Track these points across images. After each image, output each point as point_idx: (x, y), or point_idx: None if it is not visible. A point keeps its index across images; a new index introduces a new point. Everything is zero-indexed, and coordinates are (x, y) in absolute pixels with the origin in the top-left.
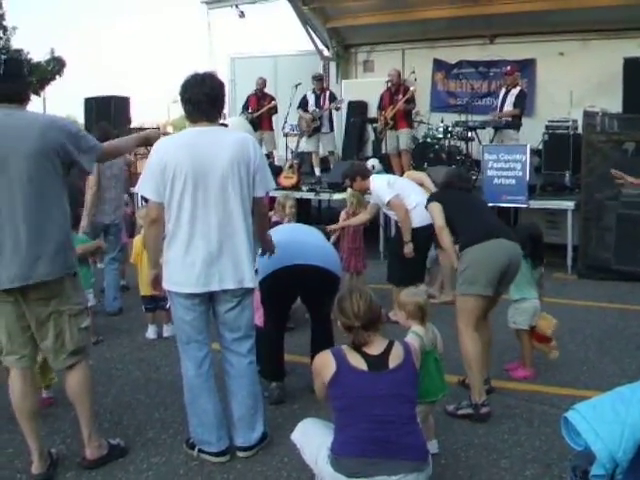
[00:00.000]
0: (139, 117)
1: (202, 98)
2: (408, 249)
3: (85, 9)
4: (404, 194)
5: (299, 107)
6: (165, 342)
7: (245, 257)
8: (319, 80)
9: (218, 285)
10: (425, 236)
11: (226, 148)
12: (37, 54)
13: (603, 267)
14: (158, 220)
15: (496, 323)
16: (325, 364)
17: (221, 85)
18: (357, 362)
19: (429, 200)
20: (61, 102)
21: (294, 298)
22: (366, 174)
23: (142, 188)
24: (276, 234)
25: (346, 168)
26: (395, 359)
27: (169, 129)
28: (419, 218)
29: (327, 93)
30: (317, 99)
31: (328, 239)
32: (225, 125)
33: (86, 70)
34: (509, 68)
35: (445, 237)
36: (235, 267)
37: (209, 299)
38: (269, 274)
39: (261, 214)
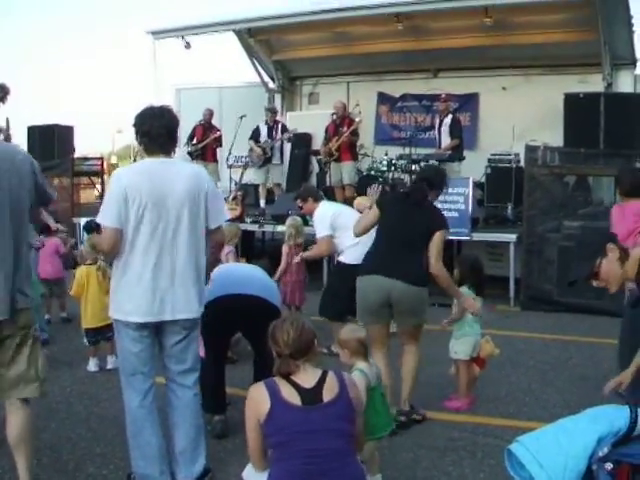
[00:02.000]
0: (83, 147)
1: (162, 131)
2: (304, 255)
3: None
4: (345, 230)
5: (251, 138)
6: (107, 375)
7: (196, 287)
8: (273, 112)
9: (170, 315)
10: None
11: (183, 180)
12: None
13: (546, 299)
14: (117, 247)
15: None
16: (259, 400)
17: (177, 119)
18: (291, 396)
19: (377, 203)
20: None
21: (234, 329)
22: (318, 197)
23: (103, 216)
24: (219, 268)
25: (300, 189)
26: (329, 392)
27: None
28: (357, 255)
29: (279, 125)
30: (269, 130)
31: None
32: None
33: (30, 98)
34: (442, 96)
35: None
36: (187, 297)
37: (157, 331)
38: (209, 302)
39: (213, 246)
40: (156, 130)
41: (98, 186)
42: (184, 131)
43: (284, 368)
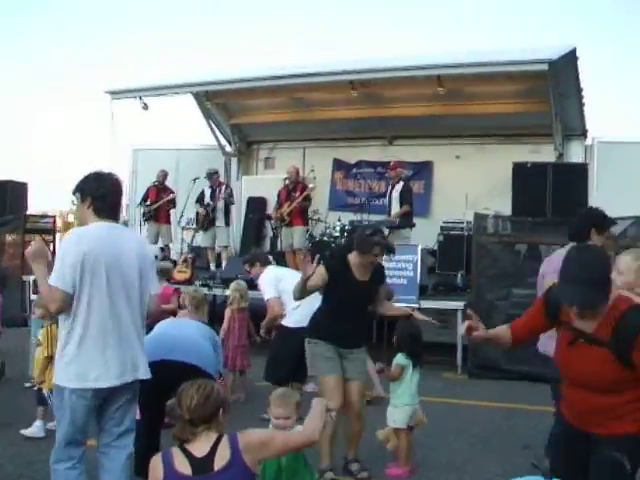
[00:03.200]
0: (40, 203)
1: (115, 196)
2: (263, 330)
3: None
4: (288, 294)
5: (197, 201)
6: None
7: (141, 350)
8: (213, 174)
9: (119, 379)
10: (301, 337)
11: (134, 246)
12: None
13: (493, 366)
14: (64, 309)
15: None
16: (155, 470)
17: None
18: (182, 466)
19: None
20: None
21: (165, 395)
22: (266, 262)
23: (57, 278)
24: (156, 328)
25: (248, 254)
26: (221, 460)
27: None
28: (298, 317)
29: (222, 187)
30: (212, 193)
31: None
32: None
33: None
34: (391, 163)
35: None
36: (134, 360)
37: (106, 395)
38: None
39: (152, 310)
40: (111, 195)
41: (50, 244)
42: (139, 191)
43: (179, 434)
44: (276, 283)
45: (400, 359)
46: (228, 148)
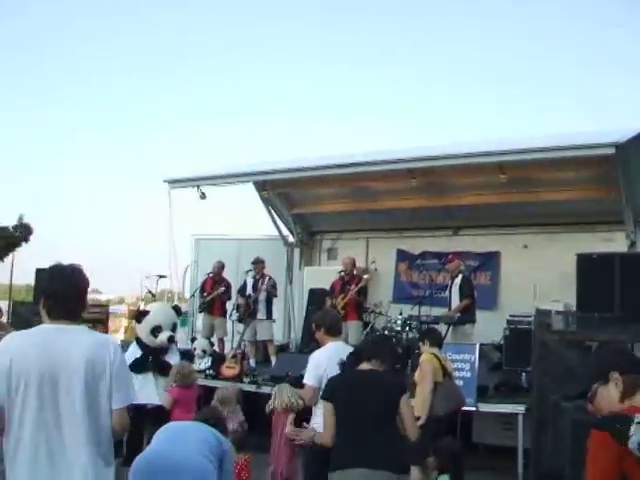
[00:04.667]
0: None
1: (69, 293)
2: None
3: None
4: None
5: (238, 292)
6: None
7: None
8: (257, 264)
9: None
10: None
11: (81, 349)
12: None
13: (557, 475)
14: None
15: None
16: None
17: (87, 280)
18: None
19: (322, 395)
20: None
21: None
22: (334, 330)
23: None
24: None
25: (320, 314)
26: None
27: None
28: None
29: (266, 279)
30: (255, 283)
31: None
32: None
33: (45, 240)
34: (449, 257)
35: None
36: None
37: None
38: None
39: (118, 431)
40: (63, 291)
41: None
42: (201, 281)
43: None
44: (323, 373)
45: None
46: (291, 238)
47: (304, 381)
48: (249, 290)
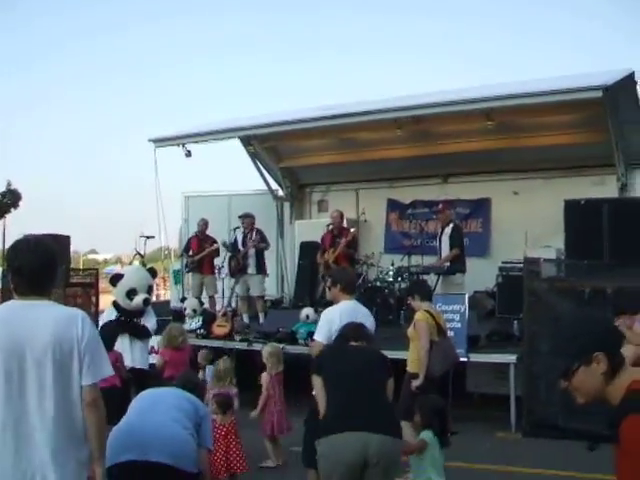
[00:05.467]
0: (105, 249)
1: (34, 267)
2: None
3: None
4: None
5: (228, 248)
6: None
7: (55, 461)
8: (245, 218)
9: None
10: None
11: (48, 325)
12: None
13: (552, 424)
14: None
15: None
16: None
17: (54, 254)
18: None
19: (312, 369)
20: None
21: None
22: (350, 288)
23: None
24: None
25: (338, 271)
26: None
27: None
28: None
29: (254, 232)
30: (244, 238)
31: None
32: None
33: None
34: (440, 206)
35: None
36: (41, 474)
37: None
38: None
39: (91, 407)
40: (28, 266)
41: (92, 298)
42: None
43: None
44: (334, 332)
45: (427, 435)
46: (280, 192)
47: (314, 337)
48: (240, 246)
